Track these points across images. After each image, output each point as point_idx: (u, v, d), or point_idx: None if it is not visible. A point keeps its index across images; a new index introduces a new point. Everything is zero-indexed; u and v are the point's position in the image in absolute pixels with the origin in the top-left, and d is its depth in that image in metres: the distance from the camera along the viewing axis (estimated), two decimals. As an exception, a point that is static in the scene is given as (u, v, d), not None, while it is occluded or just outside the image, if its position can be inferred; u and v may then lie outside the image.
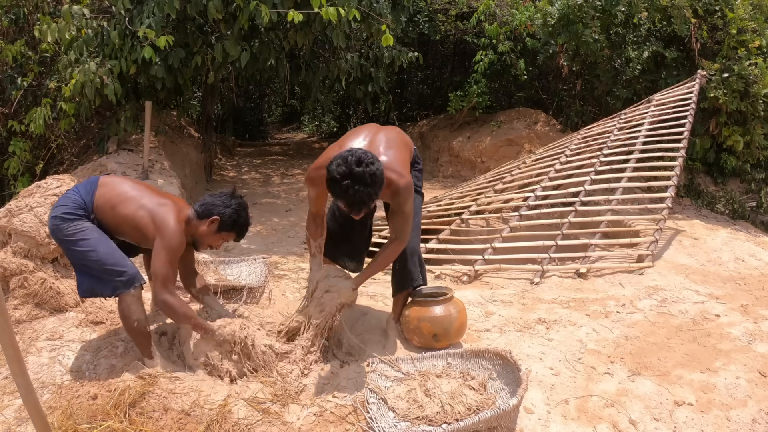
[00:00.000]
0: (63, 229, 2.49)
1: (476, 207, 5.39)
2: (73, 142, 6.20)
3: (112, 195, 2.59)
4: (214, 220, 2.62)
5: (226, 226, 2.65)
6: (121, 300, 2.51)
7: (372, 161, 2.20)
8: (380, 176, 2.21)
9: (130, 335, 2.59)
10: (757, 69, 5.96)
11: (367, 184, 2.16)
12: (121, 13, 4.97)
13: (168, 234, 2.49)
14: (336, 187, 2.21)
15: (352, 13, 4.79)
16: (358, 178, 2.15)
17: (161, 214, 2.53)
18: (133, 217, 2.55)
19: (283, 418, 2.28)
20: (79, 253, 2.49)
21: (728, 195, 6.23)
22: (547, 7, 7.09)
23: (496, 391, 2.31)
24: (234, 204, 2.66)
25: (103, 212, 2.57)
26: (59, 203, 2.59)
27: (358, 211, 2.26)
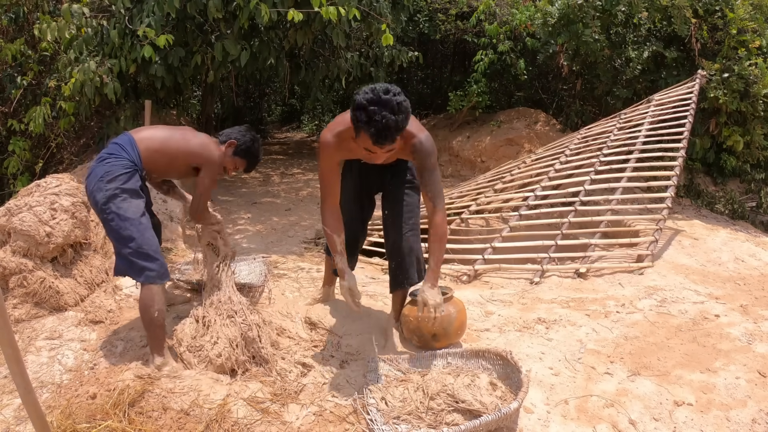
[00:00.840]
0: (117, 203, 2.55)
1: (476, 207, 5.39)
2: (72, 141, 6.20)
3: (156, 143, 2.76)
4: (231, 143, 2.91)
5: (241, 151, 2.93)
6: (147, 287, 2.56)
7: (399, 92, 2.20)
8: (407, 107, 2.20)
9: (147, 327, 2.58)
10: (757, 69, 5.96)
11: (394, 111, 2.15)
12: (120, 12, 4.97)
13: (214, 162, 2.82)
14: (362, 114, 2.18)
15: (352, 13, 4.79)
16: (385, 104, 2.14)
17: (206, 145, 2.84)
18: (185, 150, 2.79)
19: (283, 418, 2.28)
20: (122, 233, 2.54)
21: (728, 195, 6.23)
22: (547, 7, 7.09)
23: (501, 396, 2.31)
24: (249, 135, 2.99)
25: (153, 161, 2.74)
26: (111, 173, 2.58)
27: (383, 142, 2.21)
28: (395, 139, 2.24)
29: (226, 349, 2.61)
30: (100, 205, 2.57)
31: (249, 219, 5.87)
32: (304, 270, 4.08)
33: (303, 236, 5.26)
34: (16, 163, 5.32)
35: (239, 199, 6.74)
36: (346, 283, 2.60)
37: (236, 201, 6.61)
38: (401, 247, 2.82)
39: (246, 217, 5.96)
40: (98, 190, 2.57)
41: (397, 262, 2.87)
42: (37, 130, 5.01)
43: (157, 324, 2.56)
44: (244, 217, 5.92)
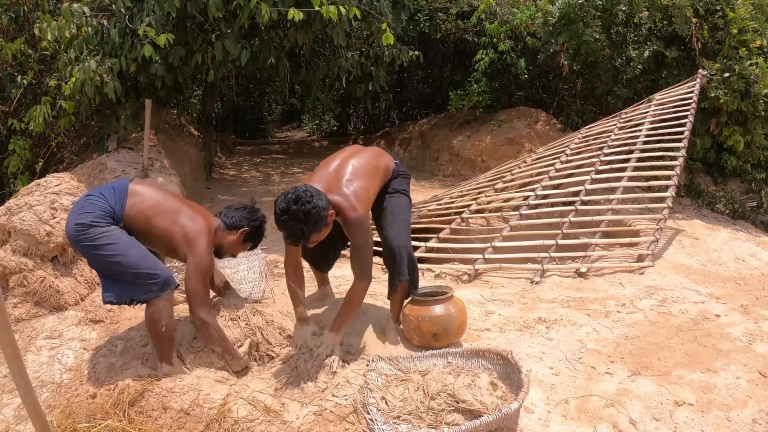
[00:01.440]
0: (89, 235, 2.43)
1: (476, 206, 5.39)
2: (72, 141, 6.20)
3: (144, 207, 2.58)
4: (243, 232, 2.80)
5: (250, 236, 2.84)
6: (152, 303, 2.48)
7: (309, 200, 2.37)
8: (315, 214, 2.38)
9: (154, 340, 2.54)
10: (758, 69, 5.95)
11: (300, 221, 2.36)
12: (121, 11, 4.96)
13: (200, 255, 2.55)
14: (277, 221, 2.43)
15: (353, 12, 4.78)
16: (293, 215, 2.36)
17: (194, 233, 2.58)
18: (166, 232, 2.58)
19: (283, 417, 2.28)
20: (106, 259, 2.44)
21: (728, 195, 6.23)
22: (548, 6, 7.08)
23: (502, 396, 2.31)
24: (259, 217, 2.88)
25: (134, 222, 2.56)
26: (83, 209, 2.49)
27: (294, 244, 2.47)
28: (308, 240, 2.45)
29: None
30: (73, 239, 2.48)
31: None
32: (304, 269, 4.07)
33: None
34: (17, 162, 5.32)
35: (239, 199, 6.74)
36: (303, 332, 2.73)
37: (236, 200, 6.62)
38: (392, 246, 2.87)
39: (246, 216, 5.95)
40: (70, 224, 2.48)
41: (391, 263, 2.91)
42: (37, 130, 5.01)
43: (165, 337, 2.53)
44: (244, 217, 5.91)
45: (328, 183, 2.66)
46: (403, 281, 2.90)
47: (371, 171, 2.82)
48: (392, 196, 2.98)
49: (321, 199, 2.43)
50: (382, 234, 2.93)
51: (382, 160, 2.94)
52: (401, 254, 2.85)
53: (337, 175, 2.73)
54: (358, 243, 2.65)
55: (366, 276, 2.70)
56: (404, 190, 3.05)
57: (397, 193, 3.00)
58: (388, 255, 2.89)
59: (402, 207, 2.98)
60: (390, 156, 3.07)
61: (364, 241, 2.64)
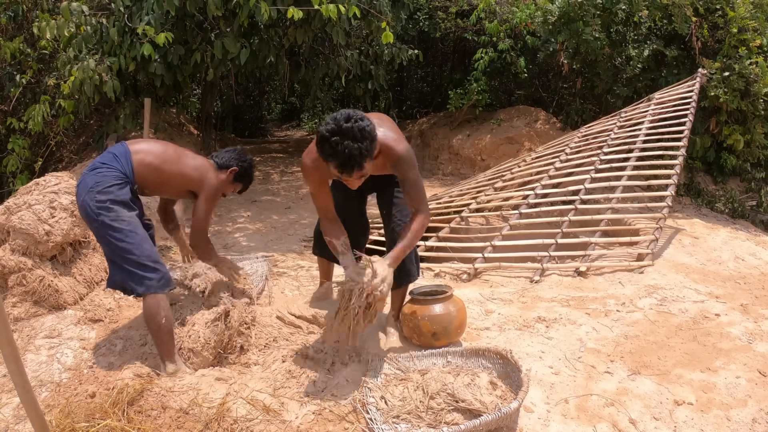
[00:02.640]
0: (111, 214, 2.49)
1: (476, 205, 5.38)
2: (72, 140, 6.20)
3: (151, 158, 2.70)
4: (233, 171, 2.95)
5: (240, 176, 2.99)
6: (150, 297, 2.51)
7: (362, 117, 2.15)
8: (370, 132, 2.15)
9: (155, 335, 2.53)
10: (757, 68, 5.95)
11: (356, 139, 2.11)
12: (120, 9, 4.96)
13: (212, 189, 2.81)
14: (326, 146, 2.15)
15: (352, 10, 4.77)
16: (347, 133, 2.10)
17: (204, 168, 2.82)
18: (179, 172, 2.75)
19: (282, 417, 2.28)
20: (118, 243, 2.49)
21: (728, 194, 6.23)
22: (548, 5, 7.08)
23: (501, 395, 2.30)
24: (248, 158, 3.04)
25: (146, 175, 2.68)
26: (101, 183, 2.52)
27: (350, 171, 2.18)
28: (362, 166, 2.19)
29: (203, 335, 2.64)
30: (92, 217, 2.51)
31: (248, 217, 5.86)
32: (304, 268, 4.08)
33: (303, 234, 5.25)
34: (16, 161, 5.32)
35: (239, 197, 6.73)
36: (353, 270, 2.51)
37: (236, 199, 6.60)
38: None
39: (246, 215, 5.95)
40: (90, 201, 2.51)
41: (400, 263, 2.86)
42: (36, 129, 5.01)
43: (165, 331, 2.53)
44: (243, 216, 5.91)
45: None
46: (411, 280, 2.91)
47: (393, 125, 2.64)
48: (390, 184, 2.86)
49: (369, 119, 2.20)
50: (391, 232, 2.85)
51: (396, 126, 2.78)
52: (410, 254, 2.82)
53: None
54: (410, 177, 2.44)
55: (425, 210, 2.50)
56: None
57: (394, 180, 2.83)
58: None
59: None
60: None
61: (416, 175, 2.45)
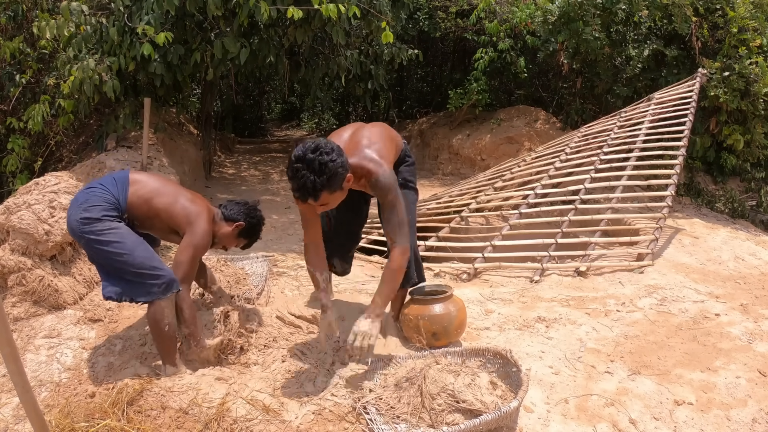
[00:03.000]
0: (96, 229, 2.39)
1: (476, 205, 5.38)
2: (71, 139, 6.19)
3: (145, 191, 2.59)
4: (239, 225, 2.78)
5: (245, 232, 2.82)
6: (154, 303, 2.45)
7: (329, 152, 2.17)
8: (332, 168, 2.17)
9: (157, 340, 2.51)
10: (757, 68, 5.95)
11: (314, 171, 2.15)
12: (120, 9, 4.95)
13: (199, 233, 2.56)
14: (289, 169, 2.23)
15: (352, 10, 4.77)
16: (309, 163, 2.15)
17: (195, 212, 2.60)
18: (168, 210, 2.57)
19: (282, 417, 2.27)
20: (111, 256, 2.40)
21: (728, 194, 6.23)
22: (548, 5, 7.07)
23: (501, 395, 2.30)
24: (258, 215, 2.86)
25: (136, 207, 2.55)
26: (88, 202, 2.45)
27: (302, 199, 2.23)
28: (317, 197, 2.20)
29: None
30: (78, 234, 2.43)
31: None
32: (304, 268, 4.07)
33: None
34: (15, 161, 5.31)
35: (238, 197, 6.73)
36: (326, 319, 2.55)
37: (236, 199, 6.61)
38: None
39: (245, 215, 5.94)
40: (75, 218, 2.43)
41: None
42: (36, 128, 5.00)
43: (168, 337, 2.50)
44: (243, 216, 5.90)
45: (347, 147, 2.44)
46: (411, 285, 2.89)
47: (387, 138, 2.65)
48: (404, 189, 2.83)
49: (342, 156, 2.21)
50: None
51: (392, 132, 2.82)
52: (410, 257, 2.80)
53: (353, 140, 2.54)
54: (389, 201, 2.40)
55: (403, 239, 2.42)
56: (412, 182, 2.93)
57: (406, 188, 2.86)
58: None
59: (410, 207, 2.85)
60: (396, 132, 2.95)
61: (396, 197, 2.40)
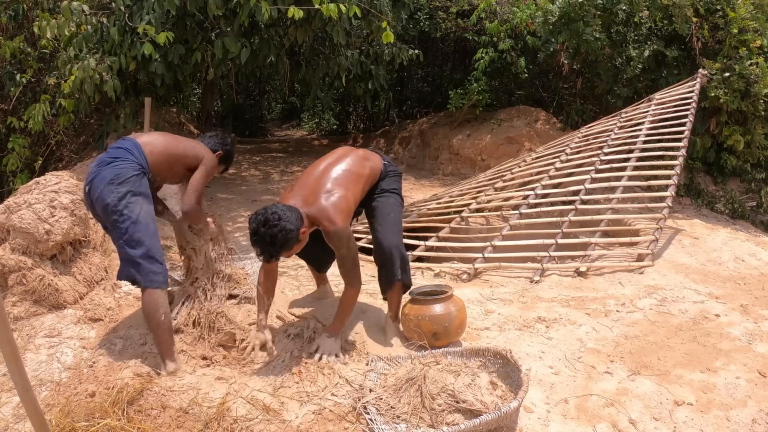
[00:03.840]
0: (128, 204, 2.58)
1: (476, 205, 5.38)
2: (72, 139, 6.20)
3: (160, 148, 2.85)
4: (218, 155, 3.11)
5: (224, 159, 3.18)
6: (150, 293, 2.57)
7: (275, 224, 2.46)
8: (282, 237, 2.46)
9: (155, 332, 2.58)
10: (758, 69, 5.95)
11: (267, 243, 2.47)
12: (120, 9, 4.96)
13: (211, 161, 2.99)
14: (250, 239, 2.55)
15: (353, 10, 4.77)
16: (261, 237, 2.47)
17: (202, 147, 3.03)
18: (185, 153, 2.92)
19: (282, 416, 2.28)
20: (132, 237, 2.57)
21: (728, 194, 6.22)
22: (548, 5, 7.07)
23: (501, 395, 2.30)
24: (229, 142, 3.23)
25: (158, 163, 2.82)
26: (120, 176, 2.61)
27: (266, 261, 2.61)
28: (278, 258, 2.57)
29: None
30: (111, 208, 2.56)
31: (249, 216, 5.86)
32: (304, 268, 4.07)
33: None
34: (16, 160, 5.32)
35: (239, 197, 6.73)
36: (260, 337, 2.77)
37: (236, 198, 6.61)
38: (382, 246, 2.86)
39: (246, 214, 5.95)
40: (109, 193, 2.56)
41: (381, 262, 2.90)
42: (36, 128, 5.01)
43: (165, 328, 2.56)
44: (243, 215, 5.91)
45: (306, 195, 2.71)
46: (396, 282, 2.92)
47: (353, 179, 2.81)
48: (381, 196, 2.97)
49: (289, 221, 2.49)
50: (374, 234, 2.92)
51: (366, 165, 2.91)
52: (392, 254, 2.85)
53: (316, 185, 2.74)
54: (342, 254, 2.72)
55: (354, 283, 2.77)
56: (394, 189, 3.04)
57: (386, 193, 2.99)
58: (380, 255, 2.88)
59: (392, 206, 2.97)
60: (378, 156, 3.05)
61: (348, 251, 2.71)
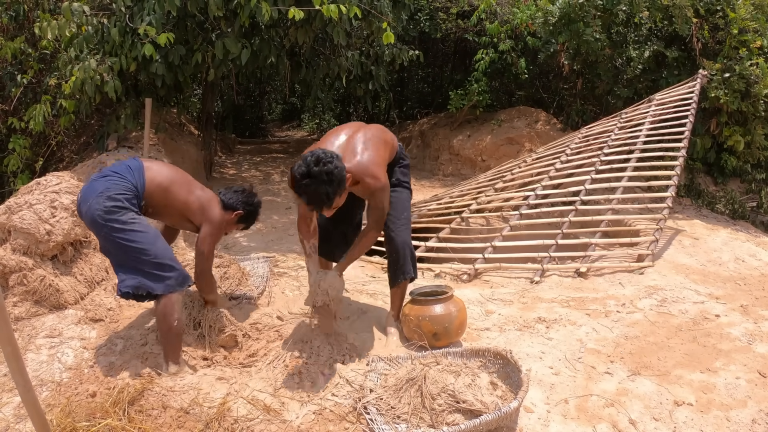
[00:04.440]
0: (121, 219, 2.46)
1: (476, 206, 5.39)
2: (72, 139, 6.20)
3: (162, 179, 2.70)
4: (238, 214, 2.93)
5: (244, 219, 2.99)
6: (167, 297, 2.52)
7: (330, 160, 2.32)
8: (338, 174, 2.33)
9: (164, 336, 2.56)
10: (758, 69, 5.95)
11: (323, 182, 2.31)
12: (121, 10, 4.96)
13: (216, 223, 2.80)
14: (297, 186, 2.36)
15: (353, 11, 4.77)
16: (315, 176, 2.30)
17: (208, 201, 2.82)
18: (185, 201, 2.75)
19: (282, 417, 2.28)
20: (133, 245, 2.46)
21: (728, 195, 6.22)
22: (548, 6, 7.08)
23: (502, 395, 2.31)
24: (254, 202, 3.01)
25: (154, 195, 2.66)
26: (111, 190, 2.49)
27: (318, 209, 2.42)
28: (331, 205, 2.39)
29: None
30: (100, 223, 2.45)
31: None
32: (304, 268, 4.07)
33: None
34: (16, 161, 5.31)
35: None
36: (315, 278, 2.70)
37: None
38: (395, 242, 2.90)
39: (246, 215, 5.95)
40: (97, 206, 2.45)
41: (394, 258, 2.94)
42: (37, 128, 5.01)
43: (176, 333, 2.55)
44: (244, 216, 5.91)
45: (342, 152, 2.59)
46: (407, 278, 2.97)
47: (381, 144, 2.79)
48: (395, 190, 2.97)
49: (340, 159, 2.40)
50: (387, 230, 2.92)
51: (388, 135, 2.94)
52: (405, 252, 2.91)
53: (349, 145, 2.68)
54: (380, 206, 2.68)
55: (379, 227, 2.76)
56: (406, 182, 3.06)
57: (400, 186, 3.01)
58: (394, 252, 2.92)
59: (405, 204, 3.00)
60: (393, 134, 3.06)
61: (384, 205, 2.68)
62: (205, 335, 2.79)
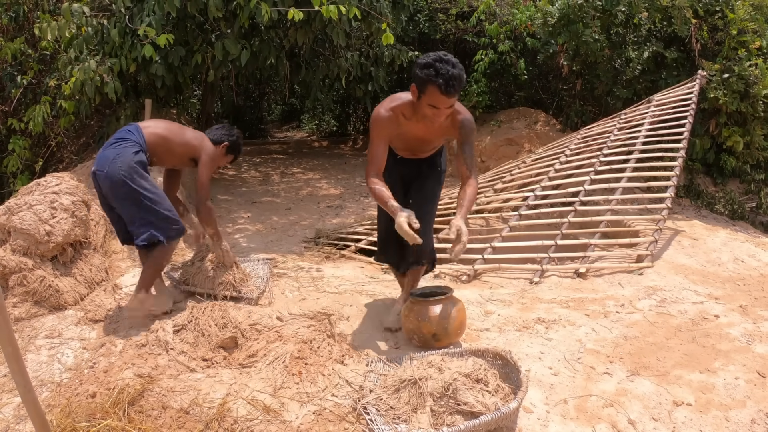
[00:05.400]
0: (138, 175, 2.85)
1: (475, 206, 5.39)
2: (72, 140, 6.21)
3: (159, 131, 3.09)
4: (224, 145, 3.29)
5: (231, 149, 3.33)
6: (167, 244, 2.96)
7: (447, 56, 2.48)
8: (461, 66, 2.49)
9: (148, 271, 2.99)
10: (757, 70, 5.96)
11: (456, 66, 2.44)
12: (121, 11, 4.97)
13: (211, 153, 3.19)
14: (431, 70, 2.44)
15: (353, 12, 4.78)
16: (448, 61, 2.45)
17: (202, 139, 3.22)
18: (184, 143, 3.14)
19: (282, 417, 2.28)
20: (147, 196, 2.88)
21: (728, 195, 6.23)
22: (548, 7, 7.08)
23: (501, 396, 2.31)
24: (235, 132, 3.38)
25: (157, 145, 3.06)
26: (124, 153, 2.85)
27: (452, 91, 2.45)
28: (459, 90, 2.49)
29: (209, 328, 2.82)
30: (120, 182, 2.81)
31: (249, 218, 5.87)
32: (304, 269, 4.08)
33: (303, 235, 5.26)
34: (16, 161, 5.32)
35: (239, 198, 6.74)
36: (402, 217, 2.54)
37: (236, 200, 6.62)
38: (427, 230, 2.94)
39: (246, 216, 5.96)
40: (115, 169, 2.81)
41: (413, 248, 2.85)
42: (36, 129, 5.02)
43: (158, 271, 3.06)
44: (243, 217, 5.92)
45: None
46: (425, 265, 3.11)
47: None
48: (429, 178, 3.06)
49: None
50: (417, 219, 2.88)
51: None
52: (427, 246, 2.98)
53: None
54: (471, 141, 2.79)
55: (476, 173, 2.85)
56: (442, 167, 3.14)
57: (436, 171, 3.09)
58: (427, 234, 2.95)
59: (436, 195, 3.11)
60: None
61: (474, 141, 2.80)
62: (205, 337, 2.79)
